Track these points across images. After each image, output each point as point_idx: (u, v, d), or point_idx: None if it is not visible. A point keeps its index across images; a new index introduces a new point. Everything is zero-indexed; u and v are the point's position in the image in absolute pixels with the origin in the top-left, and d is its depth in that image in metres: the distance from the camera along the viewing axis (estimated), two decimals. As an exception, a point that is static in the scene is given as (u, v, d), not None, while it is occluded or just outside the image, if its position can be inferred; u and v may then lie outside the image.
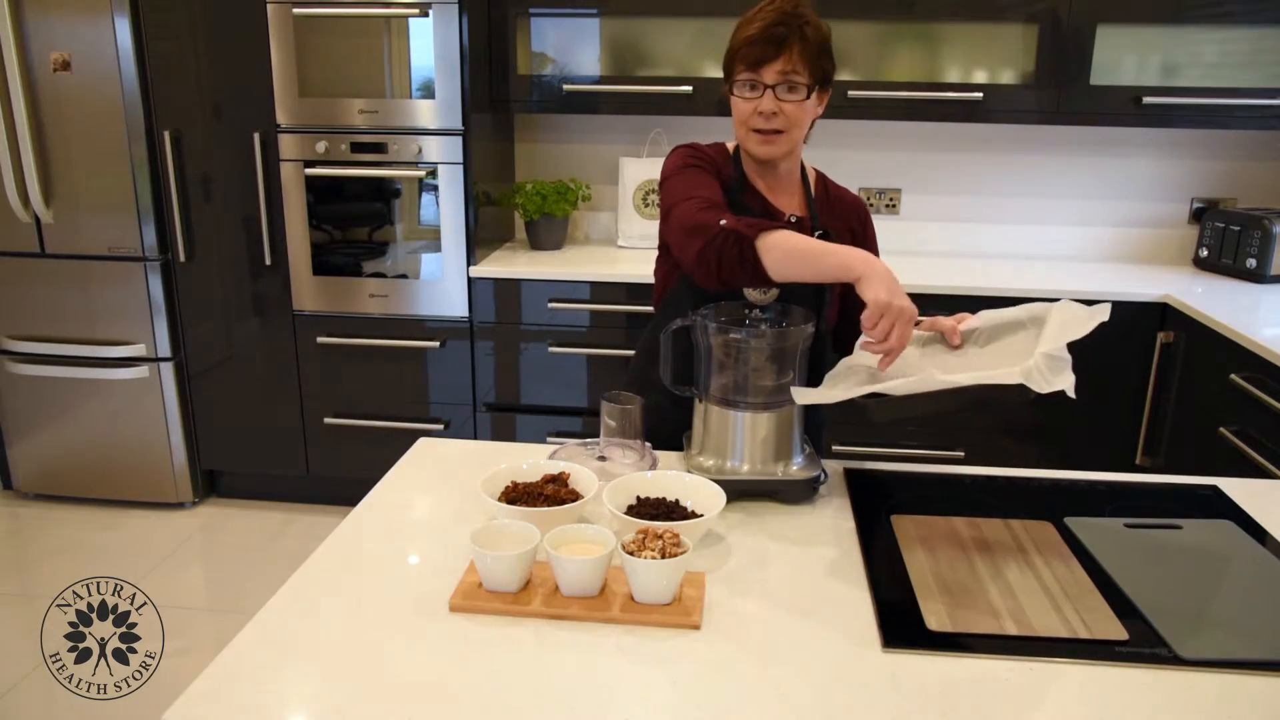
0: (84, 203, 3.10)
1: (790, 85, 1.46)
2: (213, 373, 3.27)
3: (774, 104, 1.46)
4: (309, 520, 3.32)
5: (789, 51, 1.44)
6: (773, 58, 1.44)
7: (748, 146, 1.54)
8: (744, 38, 1.46)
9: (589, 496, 1.31)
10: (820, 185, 1.66)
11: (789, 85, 1.46)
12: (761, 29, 1.44)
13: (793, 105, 1.47)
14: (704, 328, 1.44)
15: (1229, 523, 1.40)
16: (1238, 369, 2.39)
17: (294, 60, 2.94)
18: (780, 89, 1.46)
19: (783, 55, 1.44)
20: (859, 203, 1.68)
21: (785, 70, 1.45)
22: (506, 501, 1.30)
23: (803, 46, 1.45)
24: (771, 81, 1.46)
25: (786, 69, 1.45)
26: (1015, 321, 1.37)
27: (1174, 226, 3.36)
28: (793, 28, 1.44)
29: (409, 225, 3.08)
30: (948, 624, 1.11)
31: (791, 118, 1.48)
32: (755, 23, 1.45)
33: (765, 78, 1.46)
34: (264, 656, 1.04)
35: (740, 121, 1.51)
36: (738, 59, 1.47)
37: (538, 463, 1.40)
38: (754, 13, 1.48)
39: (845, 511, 1.41)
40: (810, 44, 1.45)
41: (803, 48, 1.45)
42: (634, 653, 1.06)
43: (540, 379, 3.12)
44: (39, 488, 3.40)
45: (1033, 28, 2.94)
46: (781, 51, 1.44)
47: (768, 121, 1.48)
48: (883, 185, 3.42)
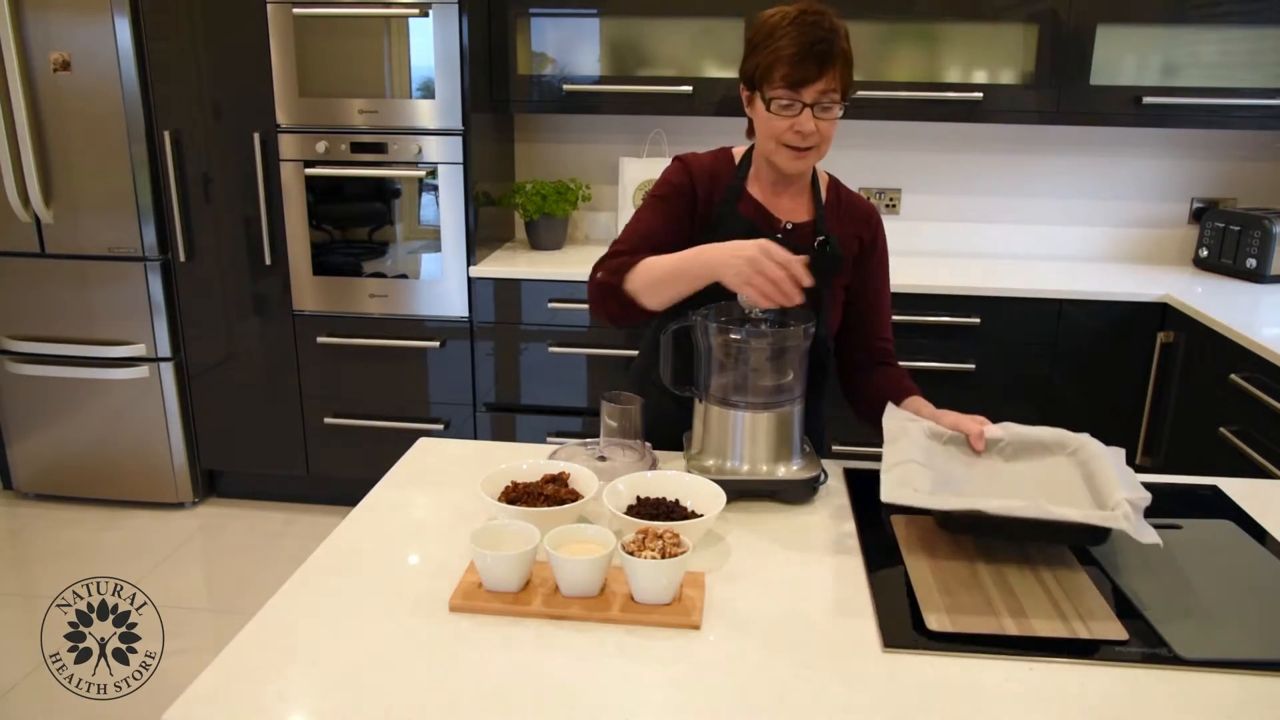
0: (84, 203, 3.10)
1: (827, 105, 1.44)
2: (213, 373, 3.27)
3: (813, 124, 1.43)
4: (309, 520, 3.32)
5: (830, 71, 1.41)
6: (815, 79, 1.41)
7: (778, 161, 1.50)
8: (784, 55, 1.40)
9: (589, 496, 1.31)
10: (832, 191, 1.63)
11: (826, 105, 1.44)
12: (804, 47, 1.39)
13: (828, 123, 1.46)
14: (704, 328, 1.44)
15: (1229, 523, 1.40)
16: (1238, 369, 2.39)
17: (294, 60, 2.94)
18: (818, 108, 1.43)
19: (825, 75, 1.41)
20: (871, 210, 1.65)
21: (825, 89, 1.42)
22: (506, 501, 1.30)
23: (843, 64, 1.43)
24: (811, 100, 1.43)
25: (827, 88, 1.42)
26: (1039, 443, 1.40)
27: (1174, 226, 3.36)
28: (833, 45, 1.40)
29: (409, 225, 3.08)
30: (948, 624, 1.11)
31: (825, 134, 1.47)
32: (791, 36, 1.40)
33: (805, 97, 1.42)
34: (264, 656, 1.04)
35: (771, 135, 1.47)
36: (777, 75, 1.42)
37: (538, 463, 1.40)
38: (787, 22, 1.42)
39: (845, 511, 1.41)
40: (848, 61, 1.44)
41: (842, 66, 1.43)
42: (634, 653, 1.05)
43: (540, 379, 3.12)
44: (39, 488, 3.40)
45: (1033, 28, 2.94)
46: (825, 72, 1.41)
47: (804, 140, 1.45)
48: (883, 185, 3.42)
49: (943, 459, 1.38)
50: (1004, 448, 1.40)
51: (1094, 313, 2.88)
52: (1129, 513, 1.14)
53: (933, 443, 1.41)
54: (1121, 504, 1.15)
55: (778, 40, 1.41)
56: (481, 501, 1.30)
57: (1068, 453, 1.37)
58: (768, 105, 1.45)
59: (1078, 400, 2.95)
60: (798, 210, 1.60)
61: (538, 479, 1.36)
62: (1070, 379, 2.94)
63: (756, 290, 1.32)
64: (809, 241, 1.54)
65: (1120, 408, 2.93)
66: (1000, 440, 1.41)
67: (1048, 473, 1.34)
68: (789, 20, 1.42)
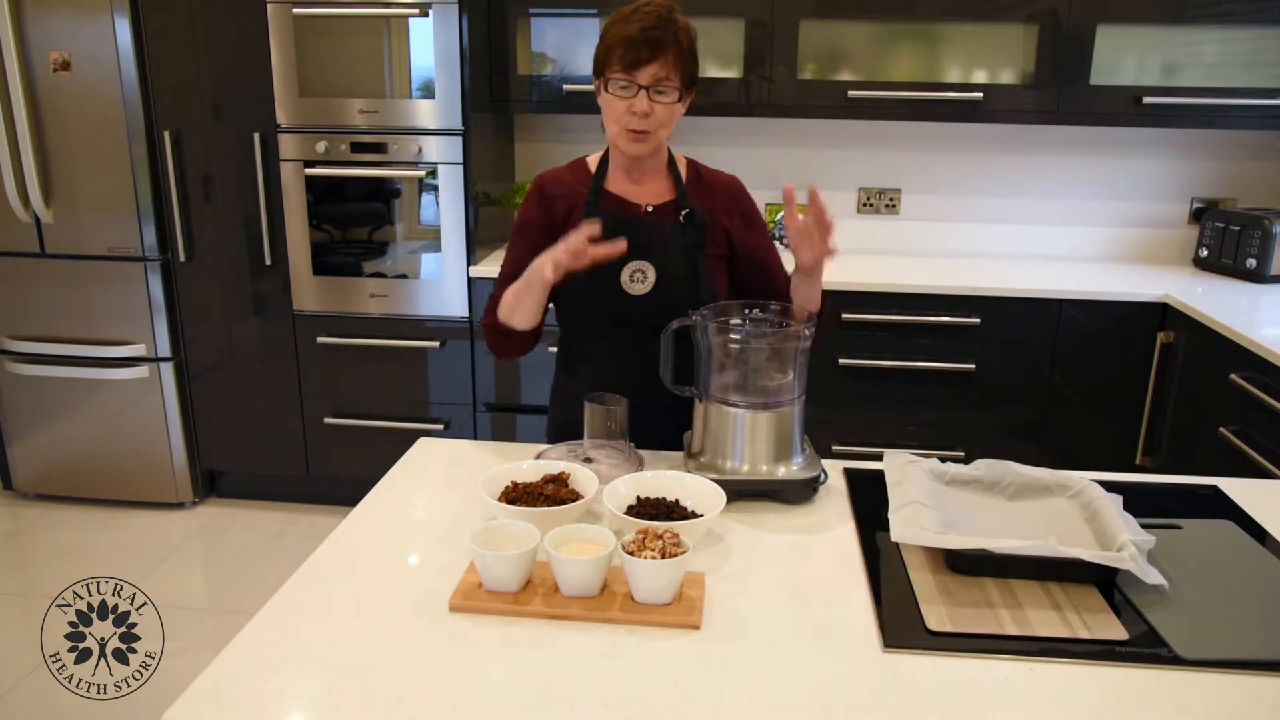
0: (84, 203, 3.10)
1: (662, 88, 1.52)
2: (213, 373, 3.27)
3: (647, 104, 1.52)
4: (309, 520, 3.32)
5: (664, 56, 1.50)
6: (648, 61, 1.50)
7: (619, 144, 1.59)
8: (621, 38, 1.50)
9: (589, 497, 1.31)
10: (691, 170, 1.71)
11: (661, 88, 1.52)
12: (639, 31, 1.49)
13: (664, 107, 1.54)
14: (704, 328, 1.44)
15: (1229, 523, 1.40)
16: (1238, 369, 2.39)
17: (294, 60, 2.94)
18: (653, 90, 1.52)
19: (658, 59, 1.50)
20: (732, 181, 1.73)
21: (659, 74, 1.51)
22: (507, 501, 1.30)
23: (677, 51, 1.51)
24: (646, 83, 1.51)
25: (660, 73, 1.51)
26: (1040, 484, 1.42)
27: (1174, 226, 3.36)
28: (668, 33, 1.50)
29: (409, 225, 3.08)
30: (948, 624, 1.11)
31: (661, 118, 1.54)
32: (633, 23, 1.50)
33: (640, 79, 1.51)
34: (264, 656, 1.04)
35: (613, 119, 1.56)
36: (614, 58, 1.51)
37: (538, 463, 1.40)
38: (630, 11, 1.52)
39: (845, 511, 1.41)
40: (683, 49, 1.52)
41: (677, 52, 1.51)
42: (634, 653, 1.05)
43: (540, 379, 3.11)
44: (39, 488, 3.40)
45: (1033, 28, 2.94)
46: (657, 56, 1.50)
47: (641, 122, 1.53)
48: (883, 185, 3.42)
49: (947, 499, 1.40)
50: (1006, 488, 1.43)
51: (1094, 313, 2.88)
52: (1135, 554, 1.16)
53: (936, 484, 1.44)
54: (1128, 545, 1.18)
55: (617, 27, 1.52)
56: (481, 501, 1.30)
57: (1069, 494, 1.40)
58: (607, 87, 1.54)
59: (1078, 400, 2.95)
60: (659, 193, 1.68)
61: (538, 479, 1.36)
62: (1070, 379, 2.94)
63: (565, 259, 1.48)
64: (673, 218, 1.64)
65: (1120, 408, 2.93)
66: (1002, 478, 1.44)
67: (1050, 513, 1.37)
68: (631, 10, 1.53)
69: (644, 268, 1.62)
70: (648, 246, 1.61)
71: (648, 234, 1.62)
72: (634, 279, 1.62)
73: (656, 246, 1.62)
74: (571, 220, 1.65)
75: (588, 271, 1.59)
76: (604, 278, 1.60)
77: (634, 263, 1.61)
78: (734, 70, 3.04)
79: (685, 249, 1.62)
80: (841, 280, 2.87)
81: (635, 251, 1.60)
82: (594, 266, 1.57)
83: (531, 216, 1.70)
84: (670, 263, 1.61)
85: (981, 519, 1.35)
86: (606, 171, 1.68)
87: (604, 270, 1.59)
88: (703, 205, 1.66)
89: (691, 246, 1.62)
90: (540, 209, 1.69)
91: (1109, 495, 1.35)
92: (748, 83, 3.02)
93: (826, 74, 3.06)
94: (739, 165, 3.47)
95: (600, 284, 1.61)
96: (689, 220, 1.63)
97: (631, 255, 1.60)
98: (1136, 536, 1.21)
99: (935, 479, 1.45)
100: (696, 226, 1.63)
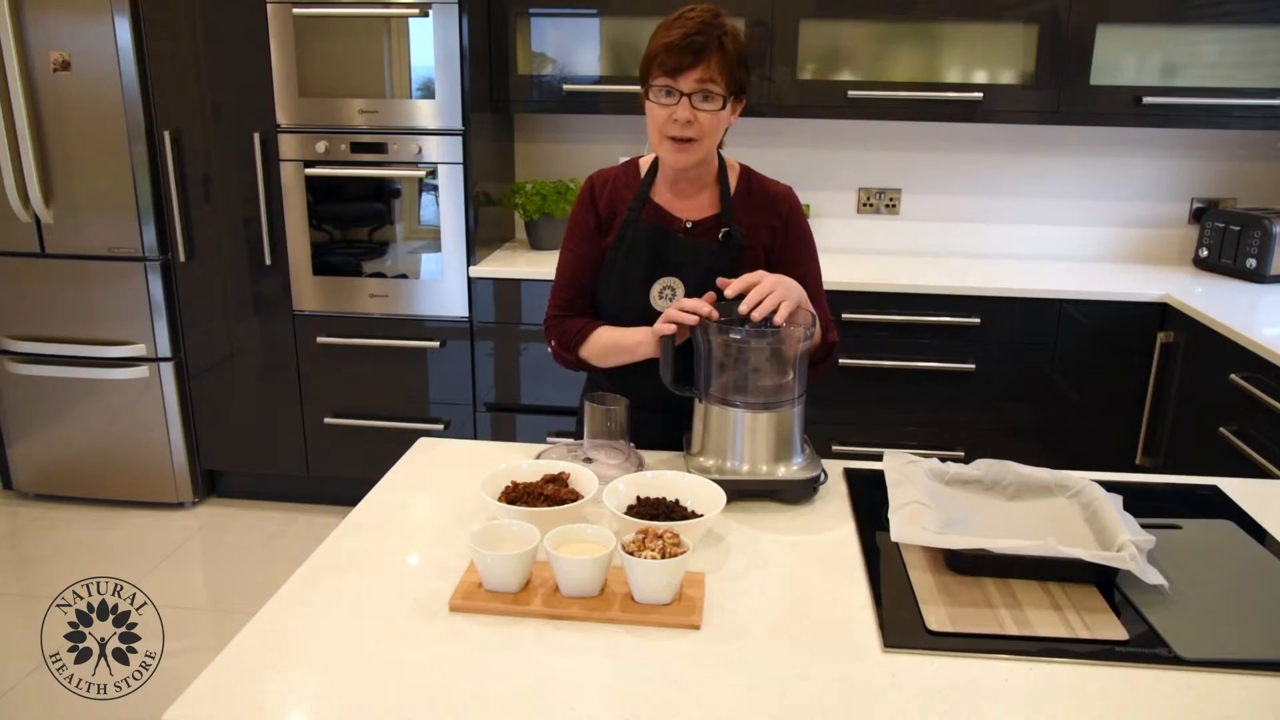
0: (84, 203, 3.10)
1: (706, 94, 1.47)
2: (213, 373, 3.27)
3: (689, 112, 1.47)
4: (309, 520, 3.32)
5: (707, 61, 1.45)
6: (690, 66, 1.45)
7: (662, 154, 1.55)
8: (663, 44, 1.46)
9: (589, 496, 1.31)
10: (743, 181, 1.66)
11: (705, 94, 1.47)
12: (681, 36, 1.44)
13: (708, 115, 1.48)
14: (704, 327, 1.44)
15: (1229, 523, 1.40)
16: (1238, 369, 2.39)
17: (294, 60, 2.94)
18: (696, 97, 1.47)
19: (701, 64, 1.45)
20: (783, 193, 1.67)
21: (702, 79, 1.46)
22: (507, 501, 1.30)
23: (721, 56, 1.46)
24: (688, 90, 1.46)
25: (704, 78, 1.46)
26: (1040, 484, 1.42)
27: (1174, 226, 3.36)
28: (712, 37, 1.45)
29: (409, 225, 3.08)
30: (948, 624, 1.11)
31: (706, 127, 1.49)
32: (675, 29, 1.46)
33: (682, 85, 1.46)
34: (264, 656, 1.04)
35: (655, 128, 1.52)
36: (655, 64, 1.47)
37: (537, 463, 1.40)
38: (674, 18, 1.48)
39: (845, 511, 1.41)
40: (729, 54, 1.47)
41: (721, 57, 1.46)
42: (634, 653, 1.06)
43: (540, 379, 3.12)
44: (39, 488, 3.40)
45: (1033, 28, 2.94)
46: (700, 60, 1.45)
47: (683, 130, 1.48)
48: (883, 185, 3.42)
49: (947, 499, 1.40)
50: (1006, 488, 1.43)
51: (1094, 313, 2.88)
52: (1135, 554, 1.16)
53: (936, 484, 1.44)
54: (1127, 545, 1.18)
55: (661, 33, 1.48)
56: (481, 501, 1.30)
57: (1069, 494, 1.40)
58: (650, 95, 1.50)
59: (1078, 400, 2.95)
60: (701, 207, 1.63)
61: (537, 479, 1.36)
62: (1070, 379, 2.94)
63: (673, 325, 1.45)
64: (713, 236, 1.59)
65: (1120, 408, 2.93)
66: (1001, 477, 1.44)
67: (1050, 513, 1.37)
68: (675, 16, 1.49)
69: (674, 284, 1.59)
70: (680, 264, 1.59)
71: (682, 251, 1.59)
72: (663, 295, 1.59)
73: (689, 265, 1.59)
74: (613, 225, 1.62)
75: (620, 285, 1.58)
76: (634, 292, 1.59)
77: (664, 279, 1.59)
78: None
79: (719, 269, 1.55)
80: (842, 280, 2.87)
81: (667, 268, 1.58)
82: (626, 279, 1.57)
83: (584, 219, 1.66)
84: (701, 283, 1.55)
85: (981, 519, 1.35)
86: (654, 180, 1.64)
87: (635, 285, 1.59)
88: (747, 221, 1.61)
89: (726, 267, 1.56)
90: (591, 211, 1.65)
91: (1109, 495, 1.35)
92: (748, 83, 3.02)
93: (826, 74, 3.06)
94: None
95: (630, 298, 1.60)
96: (726, 240, 1.58)
97: (663, 271, 1.58)
98: (1136, 536, 1.21)
99: (935, 479, 1.45)
100: (734, 247, 1.58)
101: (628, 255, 1.60)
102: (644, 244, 1.58)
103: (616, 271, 1.61)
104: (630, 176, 1.66)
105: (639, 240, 1.59)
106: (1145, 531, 1.24)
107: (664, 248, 1.58)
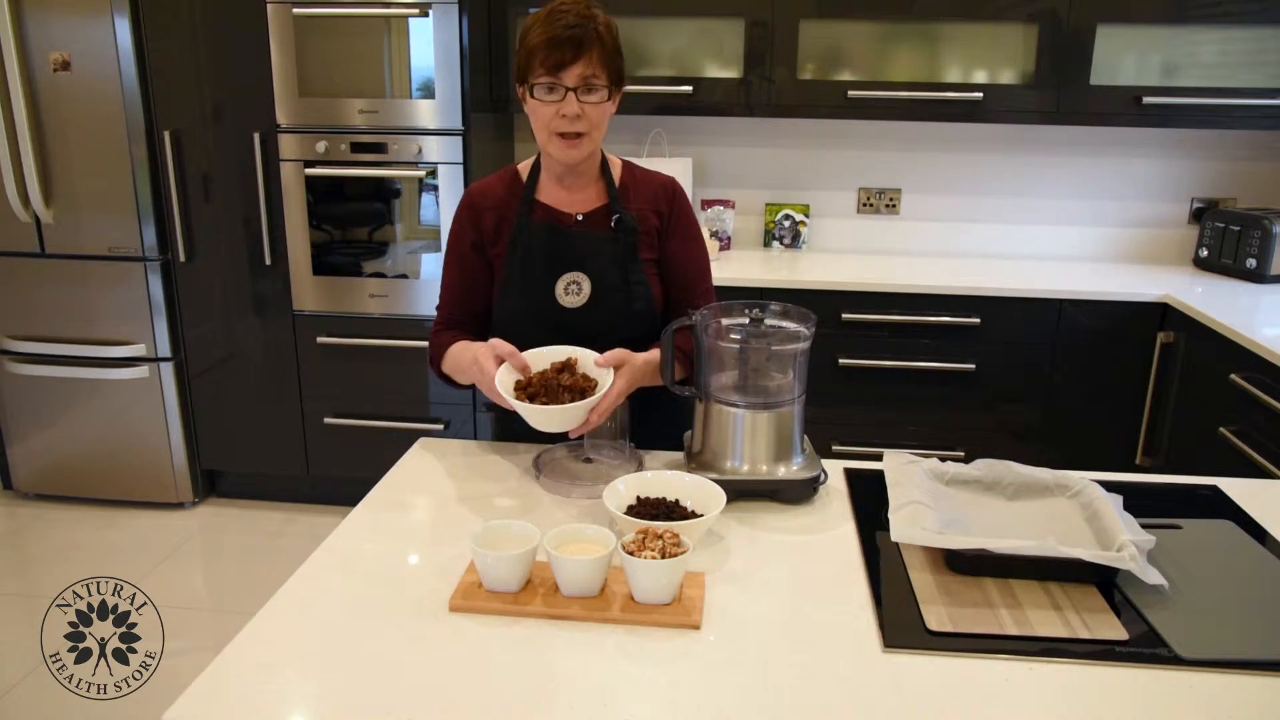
0: (84, 203, 3.10)
1: (590, 87, 1.48)
2: (213, 373, 3.27)
3: (577, 106, 1.47)
4: (309, 520, 3.32)
5: (589, 54, 1.45)
6: (572, 61, 1.45)
7: (551, 151, 1.54)
8: (543, 40, 1.45)
9: (605, 383, 1.37)
10: (626, 173, 1.68)
11: (589, 87, 1.48)
12: (560, 30, 1.44)
13: (594, 107, 1.49)
14: (704, 327, 1.44)
15: (1229, 523, 1.40)
16: (1238, 369, 2.39)
17: (294, 60, 2.94)
18: (581, 91, 1.47)
19: (583, 58, 1.45)
20: (669, 182, 1.69)
21: (585, 73, 1.46)
22: (527, 399, 1.32)
23: (600, 48, 1.47)
24: (572, 84, 1.46)
25: (586, 72, 1.46)
26: (1040, 484, 1.42)
27: (1174, 226, 3.36)
28: (589, 30, 1.45)
29: (409, 225, 3.08)
30: (948, 624, 1.11)
31: (594, 119, 1.50)
32: (550, 24, 1.45)
33: (566, 80, 1.46)
34: (264, 656, 1.04)
35: (542, 125, 1.51)
36: (536, 62, 1.46)
37: (539, 351, 1.44)
38: (546, 14, 1.47)
39: (845, 511, 1.41)
40: (607, 45, 1.48)
41: (600, 49, 1.47)
42: (634, 653, 1.05)
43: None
44: (39, 488, 3.40)
45: (1033, 28, 2.94)
46: (581, 54, 1.45)
47: (572, 124, 1.48)
48: (883, 185, 3.42)
49: (946, 499, 1.40)
50: (1006, 488, 1.43)
51: (1094, 313, 2.88)
52: (1135, 554, 1.16)
53: (935, 484, 1.44)
54: (1127, 545, 1.18)
55: (537, 30, 1.47)
56: (481, 501, 1.29)
57: (1069, 494, 1.40)
58: (532, 93, 1.49)
59: (1078, 400, 2.95)
60: (589, 200, 1.63)
61: (546, 368, 1.41)
62: (1070, 379, 2.94)
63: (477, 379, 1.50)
64: (605, 225, 1.60)
65: (1120, 408, 2.93)
66: (1000, 476, 1.44)
67: (1050, 513, 1.37)
68: (547, 12, 1.48)
69: (579, 279, 1.58)
70: (581, 257, 1.59)
71: (580, 244, 1.59)
72: (569, 291, 1.58)
73: (590, 256, 1.59)
74: (502, 233, 1.62)
75: (523, 288, 1.58)
76: (539, 293, 1.58)
77: (568, 274, 1.58)
78: (734, 70, 3.04)
79: (618, 257, 1.58)
80: (842, 280, 2.87)
81: (569, 263, 1.58)
82: (529, 281, 1.57)
83: (462, 234, 1.64)
84: (604, 272, 1.58)
85: (981, 519, 1.35)
86: (538, 181, 1.63)
87: (539, 284, 1.58)
88: (635, 208, 1.62)
89: (624, 254, 1.58)
90: (471, 225, 1.64)
91: (1109, 495, 1.35)
92: (748, 83, 3.02)
93: (826, 74, 3.06)
94: (739, 165, 3.49)
95: (535, 299, 1.59)
96: (619, 226, 1.59)
97: (565, 267, 1.58)
98: (1136, 536, 1.21)
99: (935, 479, 1.45)
100: (627, 232, 1.59)
101: (525, 258, 1.59)
102: (540, 243, 1.57)
103: (515, 275, 1.60)
104: (511, 184, 1.65)
105: (534, 240, 1.58)
106: (1145, 531, 1.24)
107: (560, 243, 1.58)
